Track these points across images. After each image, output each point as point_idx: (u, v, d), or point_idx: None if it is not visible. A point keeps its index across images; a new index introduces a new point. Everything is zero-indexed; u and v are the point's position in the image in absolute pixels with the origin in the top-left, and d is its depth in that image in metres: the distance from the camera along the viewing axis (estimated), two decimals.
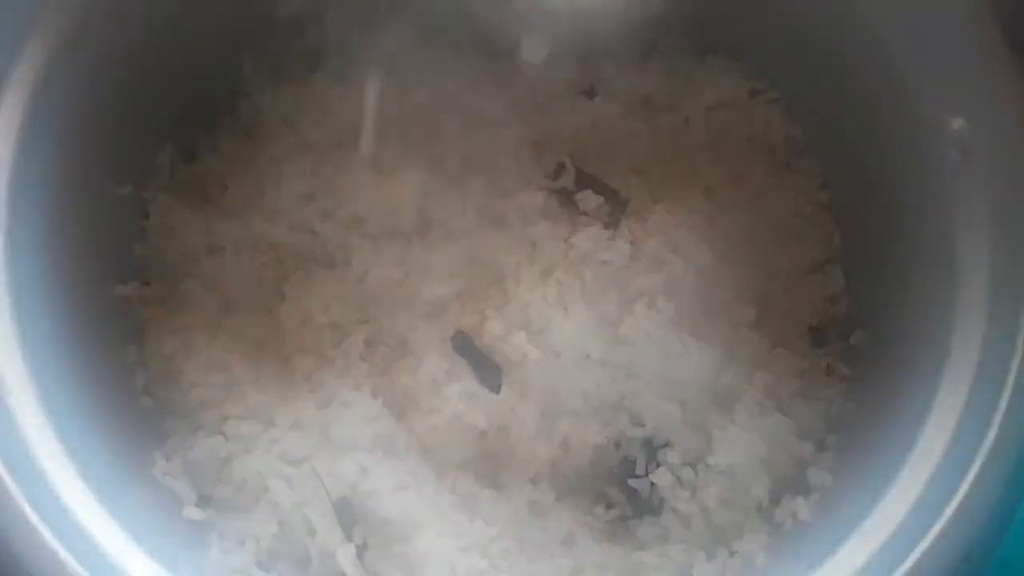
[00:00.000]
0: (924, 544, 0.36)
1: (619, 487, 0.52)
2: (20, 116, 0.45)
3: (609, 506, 0.53)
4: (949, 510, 0.37)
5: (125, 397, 0.51)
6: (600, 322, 0.53)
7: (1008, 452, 0.38)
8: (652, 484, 0.51)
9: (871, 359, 0.52)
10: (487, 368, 0.53)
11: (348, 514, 0.49)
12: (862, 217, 0.55)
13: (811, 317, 0.55)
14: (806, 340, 0.55)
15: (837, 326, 0.55)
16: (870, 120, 0.53)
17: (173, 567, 0.39)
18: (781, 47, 0.59)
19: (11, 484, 0.37)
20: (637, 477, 0.52)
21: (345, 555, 0.47)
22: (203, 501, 0.50)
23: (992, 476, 0.38)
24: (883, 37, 0.50)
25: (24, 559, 0.35)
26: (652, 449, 0.52)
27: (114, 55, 0.51)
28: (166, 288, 0.56)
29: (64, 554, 0.35)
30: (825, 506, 0.47)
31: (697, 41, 0.62)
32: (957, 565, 0.35)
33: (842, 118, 0.56)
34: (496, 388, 0.52)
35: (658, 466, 0.51)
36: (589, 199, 0.56)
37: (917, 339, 0.47)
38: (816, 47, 0.56)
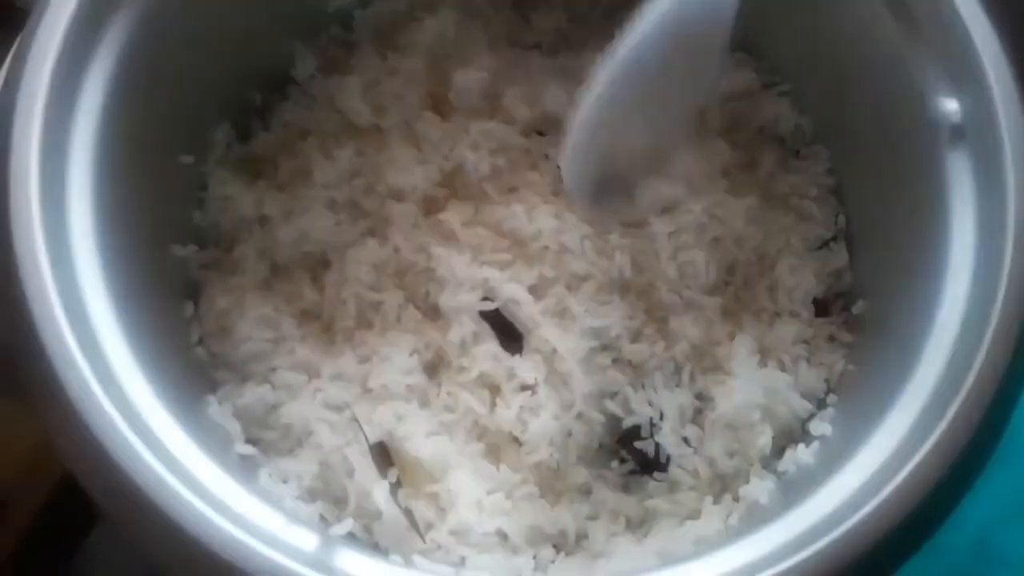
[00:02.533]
0: (905, 472, 0.40)
1: (629, 448, 0.55)
2: (105, 88, 0.50)
3: (622, 462, 0.56)
4: (927, 447, 0.41)
5: (182, 347, 0.56)
6: (615, 290, 0.57)
7: (979, 404, 0.42)
8: (657, 444, 0.55)
9: (871, 327, 0.56)
10: (510, 334, 0.56)
11: (384, 456, 0.53)
12: (865, 198, 0.59)
13: (816, 290, 0.59)
14: (811, 311, 0.58)
15: (841, 298, 0.59)
16: (873, 110, 0.57)
17: (236, 479, 0.43)
18: (790, 45, 0.63)
19: (104, 402, 0.42)
20: (643, 439, 0.55)
21: (380, 491, 0.51)
22: (251, 443, 0.54)
23: (965, 421, 0.42)
24: (886, 34, 0.54)
25: (115, 460, 0.40)
26: (657, 411, 0.55)
27: (181, 42, 0.56)
28: (220, 252, 0.60)
29: (146, 455, 0.40)
30: (825, 452, 0.51)
31: None
32: (934, 489, 0.39)
33: (847, 109, 0.60)
34: (518, 352, 0.56)
35: (661, 429, 0.54)
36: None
37: (910, 306, 0.50)
38: (823, 45, 0.60)
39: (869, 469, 0.42)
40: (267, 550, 0.38)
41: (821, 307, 0.59)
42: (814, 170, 0.62)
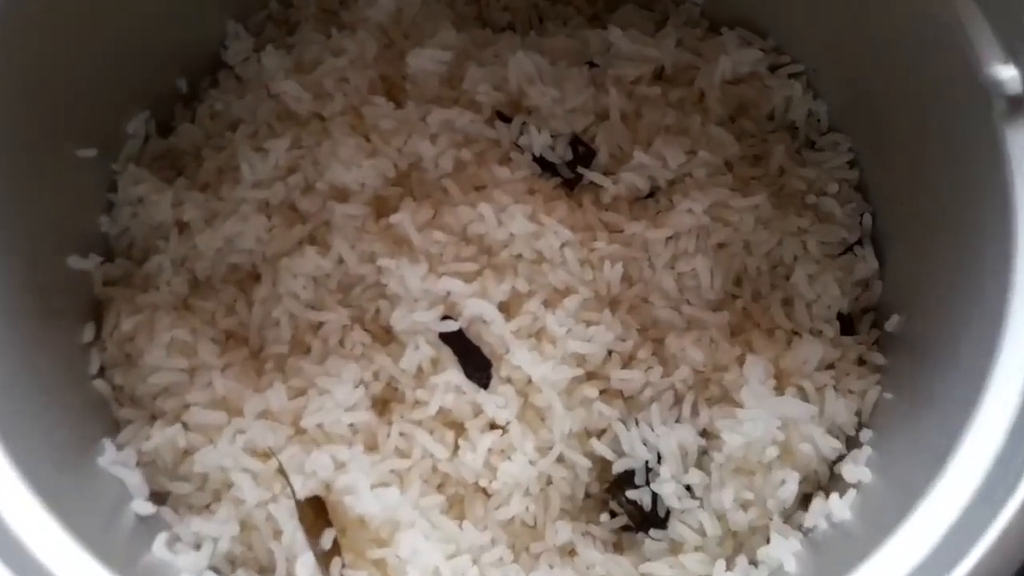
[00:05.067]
0: (982, 546, 0.31)
1: (621, 498, 0.48)
2: None
3: (613, 515, 0.48)
4: (1008, 510, 0.31)
5: (76, 381, 0.48)
6: (602, 306, 0.49)
7: None
8: (655, 494, 0.46)
9: (909, 347, 0.47)
10: (476, 360, 0.49)
11: (320, 514, 0.44)
12: (897, 193, 0.52)
13: (841, 304, 0.51)
14: (836, 328, 0.50)
15: (870, 312, 0.51)
16: (906, 87, 0.49)
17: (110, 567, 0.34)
18: (802, 18, 0.56)
19: None
20: (637, 487, 0.47)
21: (304, 566, 0.42)
22: (156, 499, 0.46)
23: None
24: None
25: None
26: (654, 452, 0.47)
27: (78, 13, 0.48)
28: (130, 264, 0.53)
29: None
30: (866, 506, 0.42)
31: (711, 12, 0.58)
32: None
33: (873, 89, 0.53)
34: (485, 383, 0.48)
35: (659, 475, 0.46)
36: (591, 176, 0.52)
37: (964, 322, 0.42)
38: (842, 17, 0.53)
39: (931, 537, 0.32)
40: None
41: (847, 324, 0.51)
42: (833, 162, 0.55)
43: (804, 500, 0.46)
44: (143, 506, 0.44)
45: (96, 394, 0.48)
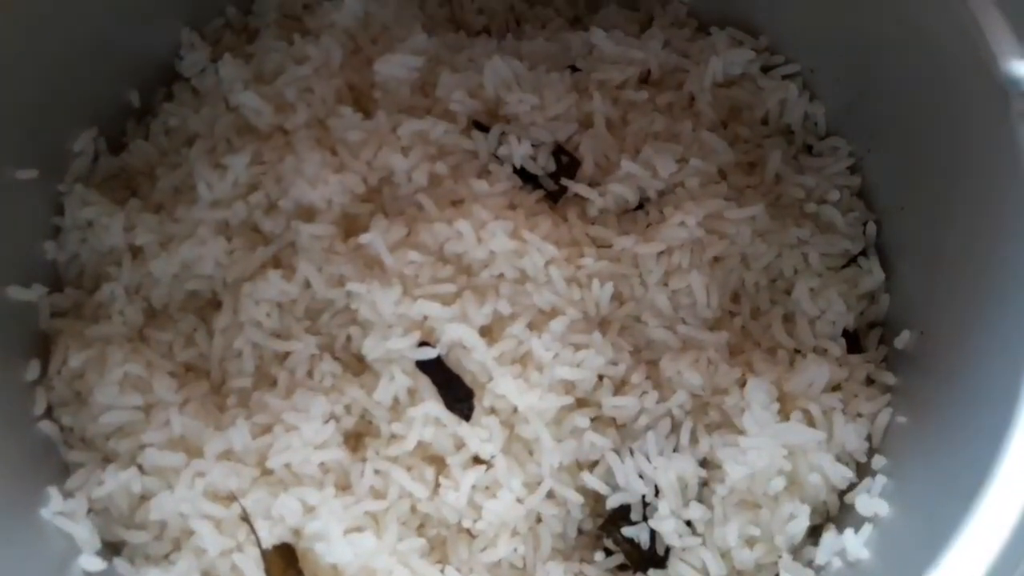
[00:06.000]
0: None
1: (616, 535, 0.45)
2: None
3: (608, 554, 0.45)
4: None
5: (18, 422, 0.44)
6: (591, 328, 0.46)
7: None
8: (653, 531, 0.44)
9: (923, 365, 0.44)
10: (456, 390, 0.46)
11: (289, 562, 0.41)
12: (904, 198, 0.49)
13: (846, 319, 0.48)
14: (842, 346, 0.47)
15: (878, 327, 0.48)
16: (911, 85, 0.46)
17: None
18: (797, 16, 0.53)
19: None
20: (634, 524, 0.44)
21: None
22: (109, 549, 0.42)
23: None
24: None
25: None
26: (651, 485, 0.44)
27: (22, 14, 0.45)
28: (80, 294, 0.50)
29: None
30: (885, 543, 0.38)
31: (699, 11, 0.56)
32: None
33: (874, 89, 0.50)
34: (467, 415, 0.45)
35: (657, 510, 0.43)
36: (575, 188, 0.49)
37: (985, 338, 0.39)
38: (840, 13, 0.50)
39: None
40: None
41: (853, 341, 0.48)
42: (833, 168, 0.52)
43: (812, 531, 0.43)
44: (92, 561, 0.41)
45: (42, 437, 0.45)
